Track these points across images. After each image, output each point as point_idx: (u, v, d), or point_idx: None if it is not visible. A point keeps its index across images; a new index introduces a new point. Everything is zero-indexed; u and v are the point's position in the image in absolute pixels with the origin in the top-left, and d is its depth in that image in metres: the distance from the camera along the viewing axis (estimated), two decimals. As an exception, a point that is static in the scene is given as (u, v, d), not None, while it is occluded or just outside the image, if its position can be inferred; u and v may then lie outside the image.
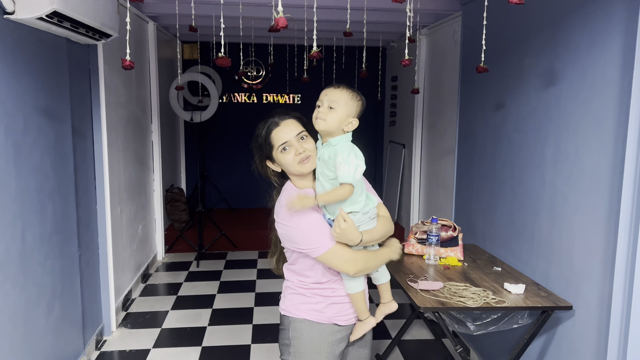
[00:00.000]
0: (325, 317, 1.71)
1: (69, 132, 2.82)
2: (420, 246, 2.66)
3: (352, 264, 1.62)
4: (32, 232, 2.39)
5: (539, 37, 2.48)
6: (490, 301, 2.06)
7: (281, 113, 1.69)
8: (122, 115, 3.82)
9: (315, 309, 1.71)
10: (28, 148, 2.36)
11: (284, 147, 1.63)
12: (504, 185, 2.82)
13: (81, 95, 3.06)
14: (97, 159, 3.28)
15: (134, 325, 3.64)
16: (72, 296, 2.88)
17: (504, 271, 2.49)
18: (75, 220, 2.92)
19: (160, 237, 5.12)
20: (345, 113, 1.62)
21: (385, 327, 3.64)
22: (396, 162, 5.95)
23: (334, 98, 1.62)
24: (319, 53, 2.11)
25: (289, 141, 1.62)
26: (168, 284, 4.48)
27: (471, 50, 3.38)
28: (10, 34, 2.19)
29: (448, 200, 4.28)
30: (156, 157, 4.93)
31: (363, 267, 1.65)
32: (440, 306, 2.01)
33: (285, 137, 1.62)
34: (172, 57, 5.94)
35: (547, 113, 2.40)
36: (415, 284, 2.22)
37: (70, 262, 2.85)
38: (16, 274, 2.25)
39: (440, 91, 4.49)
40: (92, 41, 2.95)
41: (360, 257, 1.64)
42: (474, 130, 3.28)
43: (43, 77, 2.51)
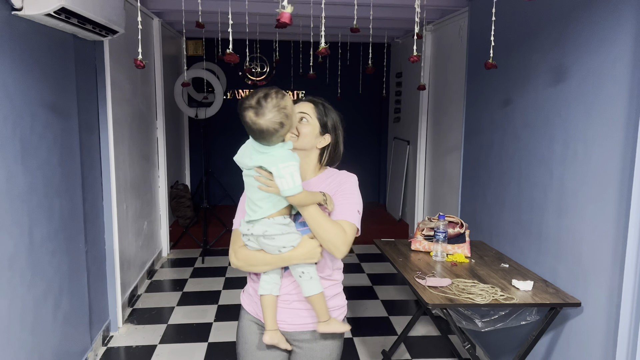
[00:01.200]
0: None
1: (75, 128, 2.83)
2: (427, 243, 2.65)
3: (231, 253, 1.59)
4: (39, 229, 2.40)
5: (547, 33, 2.47)
6: (498, 298, 2.06)
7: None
8: (128, 111, 3.82)
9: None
10: (35, 144, 2.36)
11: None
12: (511, 182, 2.81)
13: (87, 91, 3.06)
14: (103, 155, 3.29)
15: (140, 321, 3.65)
16: (79, 292, 2.89)
17: (511, 268, 2.49)
18: (82, 217, 2.92)
19: (165, 234, 5.13)
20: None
21: (391, 323, 3.64)
22: (401, 159, 5.94)
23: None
24: (327, 49, 2.09)
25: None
26: (173, 280, 4.49)
27: (478, 47, 3.36)
28: (18, 30, 2.19)
29: (453, 197, 4.27)
30: (161, 154, 4.94)
31: (243, 260, 1.55)
32: (449, 303, 2.01)
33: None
34: (176, 54, 5.94)
35: (555, 109, 2.39)
36: (423, 280, 2.21)
37: (77, 258, 2.85)
38: (24, 271, 2.25)
39: (445, 87, 4.48)
40: (98, 37, 2.95)
41: (247, 252, 1.54)
42: (480, 126, 3.27)
43: (50, 73, 2.51)
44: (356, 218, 1.50)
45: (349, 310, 3.79)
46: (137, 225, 4.13)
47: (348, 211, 1.50)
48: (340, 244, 1.45)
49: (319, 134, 1.59)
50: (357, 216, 1.50)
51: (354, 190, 1.56)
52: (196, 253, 5.27)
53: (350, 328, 1.84)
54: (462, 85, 3.91)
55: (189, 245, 5.44)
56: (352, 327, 3.58)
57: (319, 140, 1.59)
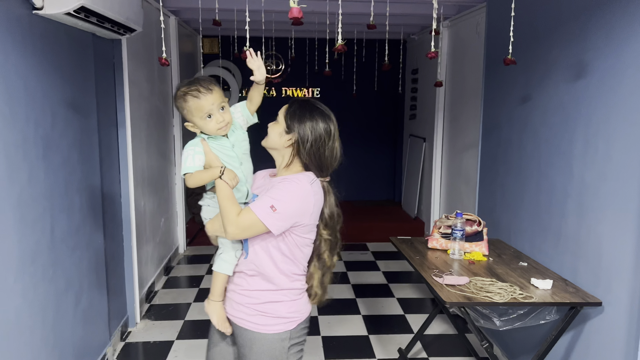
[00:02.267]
0: None
1: (95, 125, 2.86)
2: (445, 241, 2.64)
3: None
4: (60, 225, 2.43)
5: (568, 28, 2.43)
6: (517, 296, 2.04)
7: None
8: (145, 109, 3.86)
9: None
10: (56, 142, 2.39)
11: None
12: (530, 179, 2.78)
13: (106, 89, 3.10)
14: (121, 153, 3.32)
15: (157, 317, 3.69)
16: (99, 288, 2.93)
17: (530, 266, 2.46)
18: (101, 213, 2.96)
19: (181, 230, 5.18)
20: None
21: (407, 321, 3.63)
22: (416, 156, 5.91)
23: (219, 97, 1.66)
24: (343, 46, 2.09)
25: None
26: (190, 277, 4.53)
27: (496, 42, 3.33)
28: (39, 29, 2.22)
29: (470, 195, 4.23)
30: (178, 151, 4.97)
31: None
32: (467, 301, 1.99)
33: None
34: (192, 52, 5.97)
35: (576, 106, 2.35)
36: (441, 278, 2.20)
37: (96, 254, 2.89)
38: (46, 267, 2.29)
39: (462, 84, 4.44)
40: (116, 36, 2.98)
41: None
42: (498, 123, 3.24)
43: (70, 72, 2.54)
44: (263, 211, 1.53)
45: (365, 307, 3.81)
46: (155, 221, 4.17)
47: (258, 202, 1.55)
48: (227, 224, 1.55)
49: (284, 133, 1.63)
50: (265, 209, 1.53)
51: (282, 190, 1.56)
52: (212, 250, 5.29)
53: (223, 331, 1.75)
54: (479, 81, 3.87)
55: (205, 242, 5.41)
56: (368, 324, 3.58)
57: (284, 140, 1.63)
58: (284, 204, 1.54)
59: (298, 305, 1.69)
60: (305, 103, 1.66)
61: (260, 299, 1.65)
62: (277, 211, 1.53)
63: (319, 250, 1.69)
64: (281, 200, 1.54)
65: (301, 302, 1.70)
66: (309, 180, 1.60)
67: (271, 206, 1.53)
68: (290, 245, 1.62)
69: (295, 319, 1.68)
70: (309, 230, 1.64)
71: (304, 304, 1.71)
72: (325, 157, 1.63)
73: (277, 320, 1.65)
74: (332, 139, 1.63)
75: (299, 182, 1.58)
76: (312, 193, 1.59)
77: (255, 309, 1.66)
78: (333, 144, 1.64)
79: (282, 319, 1.66)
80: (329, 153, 1.64)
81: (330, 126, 1.64)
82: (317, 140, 1.61)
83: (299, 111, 1.63)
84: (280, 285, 1.65)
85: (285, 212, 1.54)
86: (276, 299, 1.65)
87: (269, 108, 2.12)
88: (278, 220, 1.54)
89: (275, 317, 1.65)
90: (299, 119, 1.61)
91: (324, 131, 1.62)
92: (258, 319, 1.65)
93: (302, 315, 1.70)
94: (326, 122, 1.64)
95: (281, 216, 1.54)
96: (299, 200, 1.56)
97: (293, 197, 1.56)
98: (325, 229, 1.67)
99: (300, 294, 1.70)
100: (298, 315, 1.68)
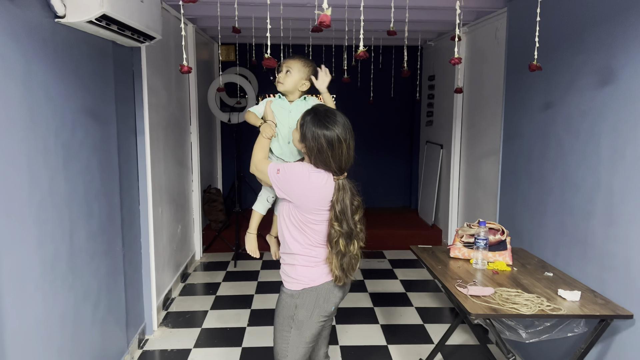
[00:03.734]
0: None
1: (114, 133, 2.87)
2: (467, 250, 2.59)
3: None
4: (79, 233, 2.43)
5: (593, 33, 2.38)
6: (545, 308, 1.98)
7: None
8: (164, 116, 3.87)
9: None
10: (76, 149, 2.40)
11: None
12: (554, 187, 2.72)
13: (125, 97, 3.11)
14: (140, 160, 3.33)
15: (174, 324, 3.68)
16: (117, 295, 2.93)
17: (555, 277, 2.40)
18: (120, 221, 2.96)
19: (198, 237, 5.17)
20: (298, 77, 2.13)
21: (427, 331, 3.57)
22: (433, 163, 5.85)
23: (292, 64, 2.13)
24: (365, 52, 2.06)
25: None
26: (206, 284, 4.52)
27: (517, 48, 3.28)
28: (61, 37, 2.23)
29: (490, 202, 4.17)
30: (195, 158, 4.98)
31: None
32: (493, 313, 1.94)
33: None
34: (208, 59, 6.00)
35: (602, 113, 2.30)
36: (465, 289, 2.15)
37: (114, 261, 2.89)
38: (65, 274, 2.29)
39: (481, 90, 4.39)
40: (136, 44, 2.99)
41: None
42: (520, 130, 3.18)
43: (90, 79, 2.55)
44: (272, 169, 1.96)
45: (383, 316, 3.77)
46: (172, 228, 4.17)
47: (273, 163, 2.01)
48: (252, 160, 2.10)
49: (300, 140, 1.96)
50: (274, 169, 1.95)
51: (289, 165, 1.97)
52: (228, 257, 5.30)
53: (250, 253, 2.33)
54: (498, 87, 3.82)
55: (222, 249, 5.47)
56: (387, 334, 3.52)
57: (301, 146, 1.97)
58: (284, 173, 1.93)
59: (307, 272, 1.98)
60: (316, 115, 1.90)
61: (285, 260, 2.06)
62: (279, 175, 1.93)
63: (330, 238, 1.92)
64: (284, 171, 1.93)
65: (312, 270, 1.98)
66: (309, 170, 1.91)
67: (277, 170, 1.94)
68: (297, 217, 1.94)
69: (301, 283, 1.98)
70: (308, 212, 1.92)
71: (315, 273, 1.98)
72: (332, 162, 1.89)
73: (289, 279, 2.02)
74: (337, 147, 1.88)
75: (299, 168, 1.93)
76: (308, 179, 1.89)
77: (282, 266, 2.08)
78: (340, 151, 1.89)
79: (292, 279, 2.01)
80: (337, 158, 1.89)
81: (336, 136, 1.87)
82: (321, 150, 1.87)
83: (309, 123, 1.89)
84: (293, 250, 1.99)
85: (283, 180, 1.92)
86: (290, 261, 2.02)
87: None
88: (278, 183, 1.93)
89: (288, 275, 2.03)
90: (307, 131, 1.89)
91: (329, 142, 1.87)
92: (282, 275, 2.08)
93: (308, 281, 1.98)
94: (333, 131, 1.87)
95: (280, 181, 1.92)
96: (294, 177, 1.91)
97: (291, 174, 1.92)
98: (336, 221, 1.90)
99: (314, 263, 1.98)
100: (305, 280, 1.98)
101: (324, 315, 2.03)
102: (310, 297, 1.99)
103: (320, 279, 1.99)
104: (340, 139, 1.87)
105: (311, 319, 2.00)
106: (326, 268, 1.99)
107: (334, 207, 1.90)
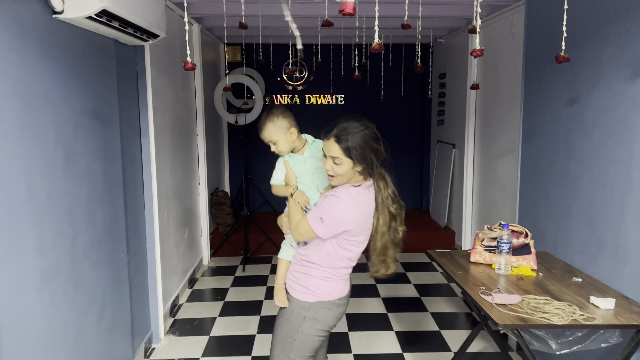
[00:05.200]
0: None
1: (117, 135, 2.76)
2: (489, 254, 2.45)
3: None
4: (82, 240, 2.32)
5: (621, 23, 2.24)
6: (578, 318, 1.84)
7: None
8: (170, 118, 3.76)
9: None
10: (79, 152, 2.29)
11: None
12: (581, 187, 2.57)
13: (129, 98, 3.00)
14: (145, 163, 3.21)
15: (182, 332, 3.56)
16: (122, 303, 2.81)
17: (585, 282, 2.25)
18: (124, 226, 2.85)
19: (205, 241, 5.06)
20: (284, 138, 2.00)
21: (443, 338, 3.43)
22: (445, 163, 5.71)
23: (268, 136, 2.00)
24: (381, 45, 1.94)
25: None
26: (214, 289, 4.40)
27: (536, 42, 3.14)
28: (60, 34, 2.12)
29: (507, 203, 4.02)
30: (201, 161, 4.87)
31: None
32: (522, 323, 1.80)
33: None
34: (214, 60, 5.89)
35: (635, 107, 2.15)
36: (489, 297, 2.01)
37: (119, 268, 2.78)
38: (67, 284, 2.18)
39: (495, 87, 4.24)
40: (139, 42, 2.88)
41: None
42: (541, 127, 3.03)
43: (92, 79, 2.44)
44: (314, 221, 1.80)
45: (397, 323, 3.63)
46: (179, 233, 4.06)
47: (311, 213, 1.83)
48: (292, 230, 1.92)
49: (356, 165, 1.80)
50: (316, 220, 1.79)
51: (329, 205, 1.78)
52: (237, 261, 5.18)
53: (279, 305, 2.03)
54: (515, 83, 3.68)
55: (230, 253, 5.35)
56: (402, 341, 3.39)
57: (356, 170, 1.82)
58: (329, 216, 1.78)
59: (324, 284, 1.89)
60: (345, 131, 1.77)
61: (299, 268, 1.95)
62: (325, 223, 1.78)
63: (393, 227, 1.84)
64: (327, 213, 1.78)
65: (330, 284, 1.89)
66: (353, 195, 1.78)
67: (320, 218, 1.79)
68: (341, 241, 1.84)
69: (317, 295, 1.89)
70: (357, 234, 1.83)
71: (331, 287, 1.89)
72: (381, 155, 1.83)
73: (302, 288, 1.91)
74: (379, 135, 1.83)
75: (342, 198, 1.77)
76: (356, 205, 1.78)
77: (292, 273, 1.97)
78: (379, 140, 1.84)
79: (306, 289, 1.90)
80: (382, 147, 1.84)
81: (371, 128, 1.82)
82: (377, 151, 1.81)
83: (352, 141, 1.75)
84: (314, 260, 1.89)
85: (331, 223, 1.78)
86: (305, 270, 1.92)
87: (294, 114, 2.14)
88: (325, 229, 1.80)
89: (301, 285, 1.92)
90: (359, 149, 1.76)
91: (374, 136, 1.81)
92: (291, 282, 1.96)
93: (325, 294, 1.88)
94: (367, 129, 1.81)
95: (328, 226, 1.79)
96: (342, 213, 1.77)
97: (337, 212, 1.77)
98: (392, 204, 1.83)
99: (333, 277, 1.89)
100: (321, 293, 1.89)
101: (327, 330, 1.95)
102: (322, 310, 1.90)
103: (336, 293, 1.92)
104: (373, 128, 1.82)
105: (317, 333, 1.93)
106: (342, 283, 1.93)
107: (382, 192, 1.82)
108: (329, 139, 1.79)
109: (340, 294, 1.92)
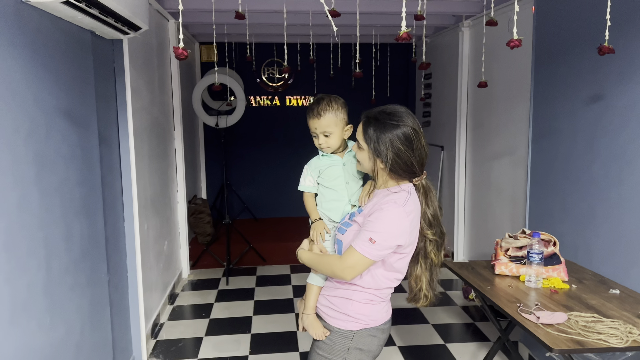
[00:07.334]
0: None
1: (95, 140, 2.43)
2: (515, 265, 2.25)
3: None
4: (58, 261, 2.00)
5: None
6: (638, 338, 1.65)
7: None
8: (147, 120, 3.44)
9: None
10: (52, 159, 1.97)
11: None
12: (606, 189, 2.40)
13: (106, 98, 2.67)
14: (124, 171, 2.89)
15: (166, 355, 3.23)
16: (102, 329, 2.49)
17: (624, 295, 2.07)
18: (104, 241, 2.52)
19: (185, 253, 4.72)
20: (340, 133, 1.75)
21: (450, 352, 3.22)
22: (433, 166, 5.54)
23: (326, 125, 1.72)
24: (408, 34, 1.72)
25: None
26: (198, 305, 4.08)
27: (548, 37, 2.97)
28: (30, 22, 1.80)
29: (505, 207, 3.86)
30: (179, 166, 4.54)
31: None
32: (579, 347, 1.60)
33: None
34: (189, 60, 5.56)
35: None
36: (531, 315, 1.80)
37: (99, 290, 2.45)
38: (41, 313, 1.85)
39: (490, 88, 4.08)
40: (118, 35, 2.57)
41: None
42: (556, 127, 2.86)
43: (66, 76, 2.12)
44: (364, 246, 1.52)
45: (399, 336, 3.39)
46: (158, 246, 3.73)
47: (358, 239, 1.54)
48: (336, 271, 1.58)
49: (374, 157, 1.59)
50: (365, 244, 1.52)
51: (377, 222, 1.52)
52: (218, 273, 4.86)
53: (319, 339, 1.71)
54: (512, 83, 3.53)
55: (210, 265, 5.02)
56: (407, 357, 3.16)
57: (376, 163, 1.59)
58: (380, 234, 1.51)
59: (368, 309, 1.64)
60: (377, 119, 1.56)
61: (333, 292, 1.69)
62: (377, 243, 1.51)
63: (425, 250, 1.63)
64: (378, 232, 1.51)
65: (375, 308, 1.65)
66: (400, 203, 1.53)
67: (370, 239, 1.51)
68: (391, 257, 1.59)
69: (360, 321, 1.64)
70: (408, 245, 1.58)
71: (377, 311, 1.66)
72: (414, 161, 1.55)
73: (342, 315, 1.65)
74: (415, 140, 1.54)
75: (390, 210, 1.52)
76: (405, 214, 1.52)
77: (327, 298, 1.70)
78: (418, 144, 1.55)
79: (347, 316, 1.64)
80: (417, 156, 1.55)
81: (411, 129, 1.54)
82: (399, 154, 1.53)
83: (378, 132, 1.55)
84: (357, 282, 1.62)
85: (384, 242, 1.52)
86: (344, 295, 1.65)
87: (274, 117, 1.85)
88: (379, 251, 1.52)
89: (340, 312, 1.66)
90: (379, 142, 1.54)
91: (407, 139, 1.54)
92: (326, 308, 1.70)
93: (370, 320, 1.64)
94: (405, 125, 1.54)
95: (381, 246, 1.52)
96: (394, 227, 1.52)
97: (388, 226, 1.51)
98: (430, 229, 1.60)
99: (378, 300, 1.65)
100: (365, 319, 1.64)
101: (373, 358, 1.69)
102: (367, 339, 1.65)
103: (381, 317, 1.68)
104: (415, 130, 1.54)
105: None
106: (386, 305, 1.70)
107: (426, 215, 1.59)
108: (363, 119, 1.61)
109: (385, 317, 1.70)
